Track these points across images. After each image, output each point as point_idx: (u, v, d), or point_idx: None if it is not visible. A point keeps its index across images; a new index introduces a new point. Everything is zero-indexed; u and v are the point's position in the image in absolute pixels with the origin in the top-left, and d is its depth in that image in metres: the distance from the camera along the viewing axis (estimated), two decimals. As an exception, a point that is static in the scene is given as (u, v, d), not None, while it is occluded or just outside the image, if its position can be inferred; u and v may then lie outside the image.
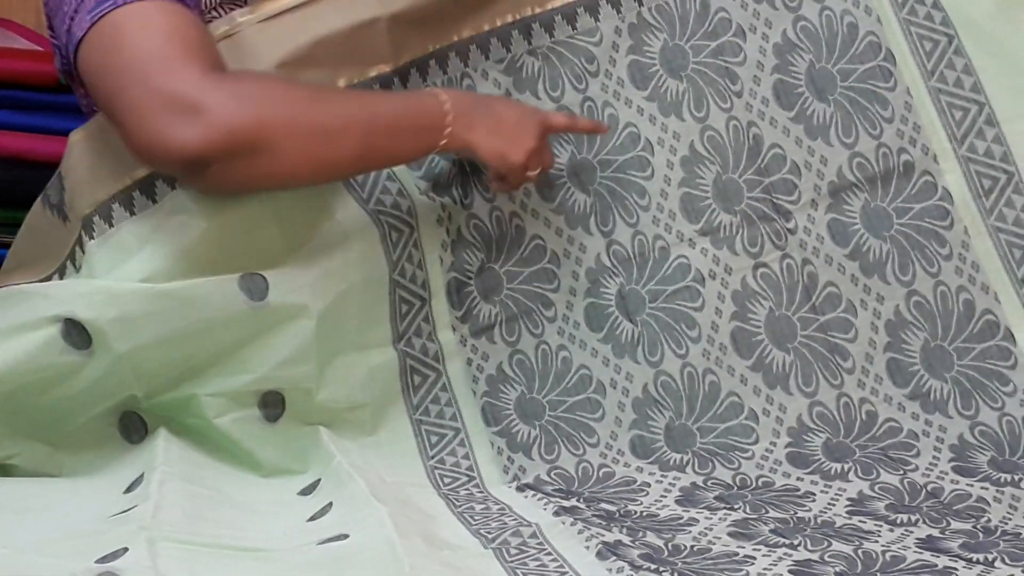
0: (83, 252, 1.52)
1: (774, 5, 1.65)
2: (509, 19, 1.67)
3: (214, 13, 1.58)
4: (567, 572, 1.25)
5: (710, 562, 1.28)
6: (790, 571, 1.25)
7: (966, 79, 1.61)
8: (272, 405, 1.49)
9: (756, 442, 1.58)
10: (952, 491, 1.48)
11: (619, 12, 1.67)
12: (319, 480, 1.45)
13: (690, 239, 1.64)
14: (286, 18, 1.55)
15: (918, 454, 1.54)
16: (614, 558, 1.26)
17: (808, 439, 1.57)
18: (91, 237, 1.50)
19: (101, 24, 1.42)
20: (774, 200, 1.64)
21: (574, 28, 1.67)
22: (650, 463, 1.57)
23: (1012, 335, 1.59)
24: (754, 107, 1.65)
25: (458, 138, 1.52)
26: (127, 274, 1.46)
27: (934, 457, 1.54)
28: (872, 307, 1.61)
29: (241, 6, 1.58)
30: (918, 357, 1.60)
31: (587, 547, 1.29)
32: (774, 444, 1.57)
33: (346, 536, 1.23)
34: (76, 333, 1.41)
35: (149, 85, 1.38)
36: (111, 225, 1.50)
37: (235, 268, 1.48)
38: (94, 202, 1.52)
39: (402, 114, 1.50)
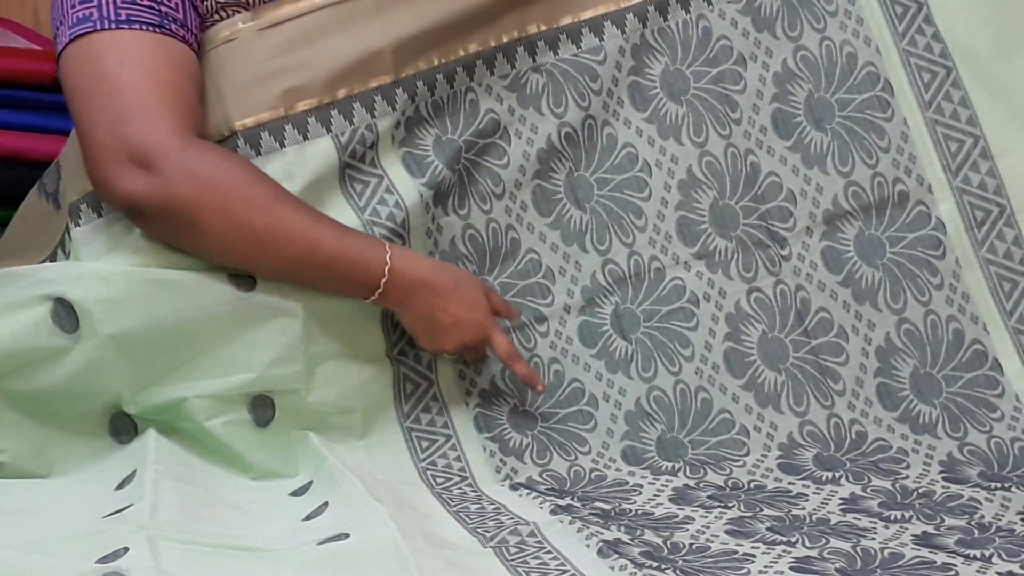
0: (70, 239, 1.54)
1: (775, 34, 1.68)
2: (515, 35, 1.68)
3: (216, 16, 1.59)
4: (569, 570, 1.25)
5: (710, 560, 1.29)
6: (791, 568, 1.26)
7: (963, 111, 1.65)
8: (262, 409, 1.50)
9: (747, 454, 1.60)
10: (943, 493, 1.50)
11: (623, 32, 1.70)
12: (311, 482, 1.45)
13: (685, 262, 1.66)
14: (287, 27, 1.57)
15: (908, 467, 1.57)
16: (616, 556, 1.26)
17: (798, 453, 1.59)
18: (76, 224, 1.52)
19: (79, 44, 1.48)
20: (769, 227, 1.67)
21: (578, 47, 1.69)
22: (642, 469, 1.58)
23: (1000, 365, 1.62)
24: (752, 135, 1.68)
25: (385, 302, 1.54)
26: (114, 263, 1.48)
27: (924, 468, 1.56)
28: (863, 333, 1.64)
29: (245, 11, 1.60)
30: (907, 383, 1.62)
31: (587, 545, 1.30)
32: (765, 456, 1.59)
33: (347, 535, 1.24)
34: (65, 315, 1.43)
35: (118, 129, 1.44)
36: (99, 215, 1.52)
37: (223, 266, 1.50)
38: (83, 190, 1.53)
39: (339, 260, 1.50)
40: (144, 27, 1.47)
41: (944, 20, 1.66)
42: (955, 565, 1.28)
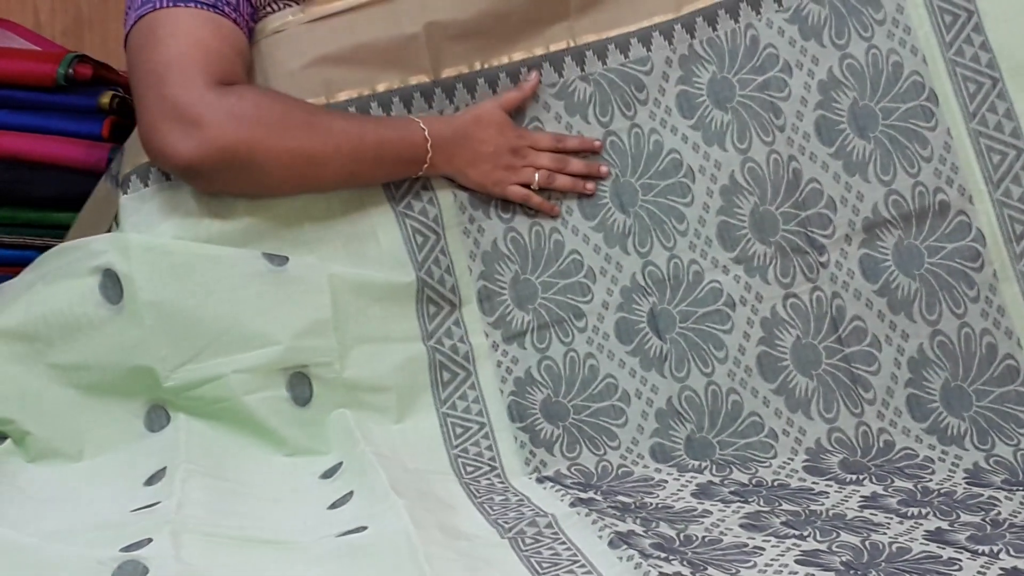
0: (119, 208, 1.61)
1: (822, 42, 1.69)
2: (563, 46, 1.72)
3: (269, 8, 1.66)
4: (579, 561, 1.28)
5: (720, 552, 1.30)
6: (797, 560, 1.28)
7: (1007, 123, 1.63)
8: (300, 387, 1.55)
9: (774, 456, 1.61)
10: (964, 492, 1.50)
11: (671, 43, 1.72)
12: (341, 463, 1.49)
13: (724, 266, 1.67)
14: (334, 21, 1.64)
15: (933, 472, 1.57)
16: (625, 547, 1.28)
17: (825, 457, 1.60)
18: (124, 192, 1.60)
19: (141, 23, 1.56)
20: (809, 233, 1.67)
21: (626, 57, 1.72)
22: (669, 466, 1.60)
23: None
24: (795, 141, 1.69)
25: (437, 169, 1.65)
26: (157, 231, 1.56)
27: (949, 473, 1.56)
28: (897, 344, 1.64)
29: (295, 4, 1.66)
30: (938, 396, 1.62)
31: (600, 536, 1.32)
32: (791, 459, 1.60)
33: (364, 528, 1.28)
34: (111, 286, 1.52)
35: (160, 92, 1.51)
36: (145, 185, 1.60)
37: (260, 240, 1.58)
38: (134, 164, 1.61)
39: (386, 145, 1.60)
40: (198, 6, 1.56)
41: (994, 29, 1.63)
42: (960, 560, 1.28)
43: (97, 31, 2.54)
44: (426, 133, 1.62)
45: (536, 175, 1.68)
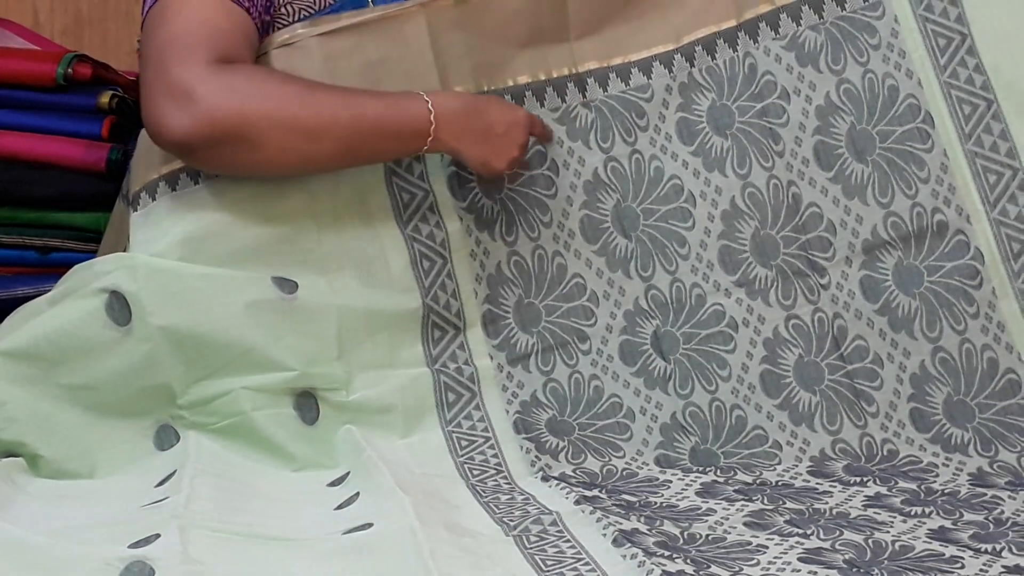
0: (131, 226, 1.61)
1: (818, 68, 1.72)
2: (565, 72, 1.75)
3: (285, 10, 1.67)
4: (583, 558, 1.29)
5: (723, 550, 1.31)
6: (800, 558, 1.28)
7: (1002, 144, 1.66)
8: (307, 408, 1.56)
9: (779, 463, 1.62)
10: (968, 492, 1.51)
11: (671, 71, 1.75)
12: (348, 473, 1.50)
13: (726, 289, 1.69)
14: (342, 35, 1.65)
15: (937, 476, 1.57)
16: (629, 545, 1.29)
17: (829, 464, 1.61)
18: (135, 210, 1.61)
19: (154, 8, 1.56)
20: (809, 256, 1.69)
21: (627, 84, 1.75)
22: (673, 471, 1.61)
23: None
24: (794, 167, 1.71)
25: (442, 144, 1.59)
26: (165, 244, 1.56)
27: (953, 476, 1.57)
28: (898, 361, 1.65)
29: (310, 14, 1.68)
30: (940, 409, 1.63)
31: (604, 534, 1.33)
32: (795, 466, 1.61)
33: (370, 525, 1.29)
34: (118, 307, 1.51)
35: (160, 69, 1.50)
36: (154, 199, 1.61)
37: (269, 257, 1.58)
38: (143, 181, 1.62)
39: (387, 117, 1.57)
40: None
41: (987, 51, 1.66)
42: (962, 558, 1.29)
43: (97, 31, 2.53)
44: (429, 104, 1.58)
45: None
